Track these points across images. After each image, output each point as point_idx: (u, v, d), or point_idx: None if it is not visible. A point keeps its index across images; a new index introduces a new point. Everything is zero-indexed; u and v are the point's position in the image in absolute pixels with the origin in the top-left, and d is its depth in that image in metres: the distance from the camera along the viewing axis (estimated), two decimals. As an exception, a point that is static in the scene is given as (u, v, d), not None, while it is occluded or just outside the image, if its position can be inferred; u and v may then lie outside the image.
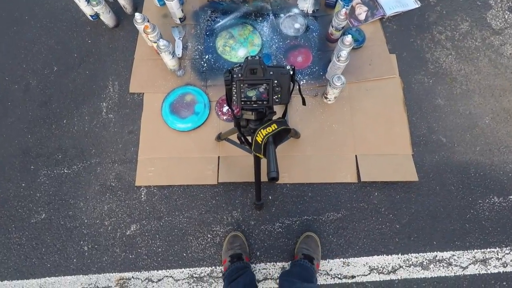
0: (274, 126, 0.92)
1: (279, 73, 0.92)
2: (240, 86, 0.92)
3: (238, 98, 0.94)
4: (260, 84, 0.92)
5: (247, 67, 0.89)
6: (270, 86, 0.92)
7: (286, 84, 0.93)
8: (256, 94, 0.93)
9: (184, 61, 1.57)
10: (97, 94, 1.55)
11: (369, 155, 1.43)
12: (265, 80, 0.91)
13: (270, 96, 0.94)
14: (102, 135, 1.49)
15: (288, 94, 0.95)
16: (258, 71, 0.90)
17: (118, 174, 1.43)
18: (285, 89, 0.94)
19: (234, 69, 0.92)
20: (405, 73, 1.57)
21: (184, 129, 1.45)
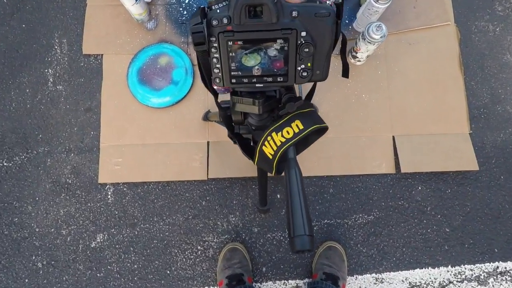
0: (299, 125, 0.54)
1: (310, 14, 0.48)
2: (227, 46, 0.50)
3: (225, 70, 0.52)
4: (270, 40, 0.50)
5: (242, 1, 0.46)
6: (292, 44, 0.49)
7: (326, 39, 0.50)
8: (262, 63, 0.51)
9: (155, 7, 1.13)
10: (39, 56, 1.14)
11: (412, 136, 1.05)
12: (282, 31, 0.48)
13: (292, 66, 0.51)
14: (50, 114, 1.11)
15: (327, 59, 0.53)
16: (266, 10, 0.46)
17: (74, 167, 1.08)
18: (323, 48, 0.51)
19: (212, 6, 0.49)
20: (463, 19, 1.13)
21: (159, 104, 1.06)
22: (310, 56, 0.50)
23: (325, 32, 0.49)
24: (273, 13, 0.47)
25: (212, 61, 0.52)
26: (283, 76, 0.53)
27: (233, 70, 0.52)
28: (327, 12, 0.48)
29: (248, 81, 0.53)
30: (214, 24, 0.48)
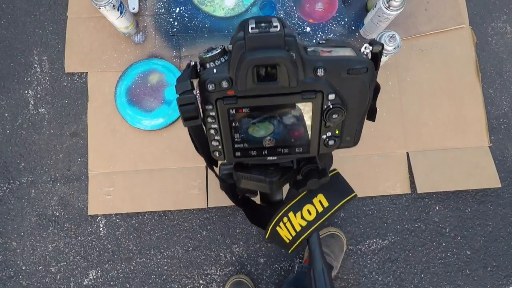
0: (322, 202, 0.44)
1: (341, 70, 0.37)
2: (229, 116, 0.39)
3: (226, 143, 0.42)
4: (287, 107, 0.39)
5: (248, 61, 0.35)
6: (316, 110, 0.39)
7: (361, 100, 0.40)
8: (275, 132, 0.41)
9: (143, 18, 1.03)
10: (17, 76, 1.04)
11: (427, 152, 0.97)
12: (303, 94, 0.37)
13: (315, 134, 0.41)
14: (33, 140, 1.01)
15: (361, 122, 0.43)
16: (281, 71, 0.35)
17: (62, 198, 0.99)
18: (356, 111, 0.40)
19: (205, 64, 0.38)
20: (478, 20, 1.04)
21: (152, 127, 0.97)
22: (340, 120, 0.39)
23: (360, 92, 0.39)
24: (291, 76, 0.35)
25: (209, 132, 0.41)
26: (303, 146, 0.42)
27: (237, 143, 0.41)
28: (364, 68, 0.37)
29: (257, 153, 0.42)
30: (210, 89, 0.37)
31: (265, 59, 0.35)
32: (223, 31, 1.00)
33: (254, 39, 0.35)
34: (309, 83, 0.37)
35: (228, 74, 0.37)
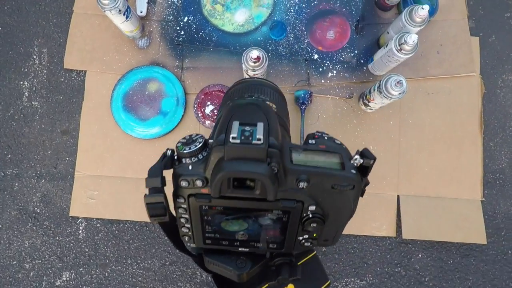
0: None
1: (325, 185, 0.36)
2: (201, 211, 0.38)
3: (197, 233, 0.40)
4: (263, 211, 0.37)
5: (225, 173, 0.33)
6: (294, 217, 0.37)
7: (343, 213, 0.39)
8: (250, 229, 0.39)
9: (149, 22, 1.00)
10: (15, 66, 1.01)
11: (419, 198, 0.96)
12: (282, 202, 0.36)
13: (291, 236, 0.39)
14: (23, 132, 0.99)
15: (341, 229, 0.41)
16: (260, 184, 0.34)
17: (45, 195, 0.97)
18: (337, 221, 0.39)
19: (181, 158, 0.36)
20: (490, 70, 1.02)
21: (145, 136, 0.95)
22: (318, 229, 0.38)
23: (344, 206, 0.37)
24: (270, 191, 0.33)
25: (180, 220, 0.39)
26: (277, 243, 0.40)
27: (208, 232, 0.39)
28: (350, 185, 0.35)
29: (229, 244, 0.40)
30: (183, 186, 0.35)
31: (243, 173, 0.33)
32: (229, 46, 0.98)
33: (234, 150, 0.33)
34: (289, 192, 0.35)
35: (204, 174, 0.35)
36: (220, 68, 0.97)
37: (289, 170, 0.34)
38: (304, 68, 0.98)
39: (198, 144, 0.36)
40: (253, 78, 0.53)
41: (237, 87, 0.52)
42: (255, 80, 0.53)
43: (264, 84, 0.53)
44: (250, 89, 0.49)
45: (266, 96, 0.48)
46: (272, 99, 0.49)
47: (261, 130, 0.33)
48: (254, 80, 0.53)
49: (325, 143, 0.38)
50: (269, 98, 0.48)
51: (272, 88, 0.53)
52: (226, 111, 0.42)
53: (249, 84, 0.52)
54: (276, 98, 0.50)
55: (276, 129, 0.37)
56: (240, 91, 0.50)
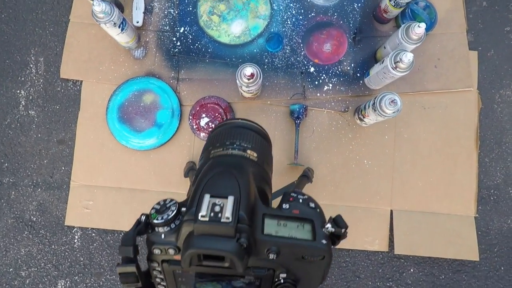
0: None
1: (295, 255, 0.36)
2: (174, 275, 0.38)
3: None
4: (235, 276, 0.38)
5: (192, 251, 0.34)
6: (265, 283, 0.38)
7: (314, 280, 0.39)
8: None
9: (145, 32, 1.00)
10: (12, 74, 1.02)
11: (412, 213, 0.96)
12: (254, 270, 0.37)
13: None
14: (19, 141, 1.00)
15: None
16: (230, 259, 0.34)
17: (41, 204, 0.98)
18: (309, 285, 0.39)
19: (154, 226, 0.36)
20: (487, 84, 1.01)
21: (140, 147, 0.96)
22: None
23: (314, 274, 0.37)
24: (238, 265, 0.34)
25: (155, 279, 0.39)
26: None
27: None
28: (320, 256, 0.36)
29: None
30: (156, 253, 0.36)
31: (211, 250, 0.33)
32: (225, 58, 0.98)
33: (203, 227, 0.34)
34: (261, 261, 0.36)
35: (176, 243, 0.36)
36: (215, 79, 0.97)
37: (259, 242, 0.35)
38: (300, 81, 0.97)
39: (171, 213, 0.36)
40: (238, 120, 0.54)
41: (220, 130, 0.52)
42: (239, 123, 0.53)
43: (248, 127, 0.53)
44: (232, 135, 0.49)
45: (248, 143, 0.48)
46: (255, 145, 0.49)
47: (230, 207, 0.34)
48: (238, 123, 0.54)
49: (299, 207, 0.38)
50: (251, 145, 0.48)
51: (256, 131, 0.52)
52: (203, 171, 0.43)
53: (232, 128, 0.52)
54: (259, 144, 0.50)
55: (249, 198, 0.38)
56: (222, 137, 0.50)
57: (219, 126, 0.55)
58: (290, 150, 0.96)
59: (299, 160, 0.95)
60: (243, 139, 0.48)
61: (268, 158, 0.51)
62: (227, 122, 0.54)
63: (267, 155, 0.51)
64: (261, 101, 0.97)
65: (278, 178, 0.96)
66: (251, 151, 0.47)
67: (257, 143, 0.50)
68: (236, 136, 0.49)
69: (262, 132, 0.54)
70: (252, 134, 0.51)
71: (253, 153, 0.47)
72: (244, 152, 0.47)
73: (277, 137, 0.97)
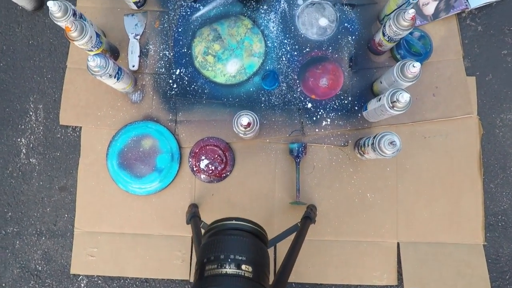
0: None
1: None
2: None
3: None
4: None
5: None
6: None
7: None
8: None
9: (142, 76, 1.00)
10: (12, 123, 1.02)
11: (419, 244, 0.95)
12: None
13: None
14: (22, 190, 1.00)
15: None
16: None
17: (46, 252, 0.98)
18: None
19: None
20: (487, 110, 1.01)
21: (141, 192, 0.96)
22: None
23: None
24: None
25: None
26: None
27: None
28: None
29: None
30: None
31: None
32: (222, 98, 0.98)
33: None
34: None
35: None
36: (213, 120, 0.97)
37: None
38: (297, 117, 0.97)
39: None
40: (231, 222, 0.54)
41: (215, 239, 0.52)
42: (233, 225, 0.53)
43: (242, 228, 0.53)
44: (227, 247, 0.49)
45: (243, 255, 0.48)
46: (250, 256, 0.49)
47: None
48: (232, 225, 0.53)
49: None
50: (246, 257, 0.47)
51: (251, 232, 0.52)
52: None
53: (226, 236, 0.52)
54: (255, 252, 0.50)
55: None
56: (217, 248, 0.49)
57: (213, 230, 0.54)
58: (291, 187, 0.96)
59: (301, 198, 0.94)
60: (237, 251, 0.48)
61: (264, 267, 0.51)
62: (221, 225, 0.54)
63: (263, 264, 0.51)
64: (260, 140, 0.97)
65: (280, 217, 0.95)
66: (246, 266, 0.47)
67: (252, 251, 0.50)
68: (230, 248, 0.49)
69: (257, 232, 0.54)
70: (246, 241, 0.51)
71: (248, 267, 0.47)
72: (239, 269, 0.47)
73: (277, 175, 0.96)
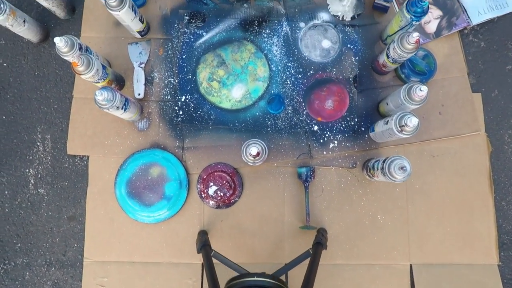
0: None
1: None
2: None
3: None
4: None
5: None
6: None
7: None
8: None
9: (148, 104, 1.01)
10: (20, 154, 1.03)
11: (432, 266, 0.93)
12: None
13: None
14: (31, 221, 1.00)
15: None
16: None
17: (55, 283, 0.98)
18: None
19: None
20: (495, 126, 1.00)
21: (150, 221, 0.96)
22: None
23: None
24: None
25: None
26: None
27: None
28: None
29: None
30: None
31: None
32: (228, 124, 0.98)
33: None
34: None
35: None
36: (220, 146, 0.97)
37: None
38: (304, 140, 0.97)
39: None
40: (253, 278, 0.53)
41: None
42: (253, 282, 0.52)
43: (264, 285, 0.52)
44: None
45: None
46: None
47: None
48: (253, 281, 0.52)
49: None
50: None
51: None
52: None
53: None
54: None
55: None
56: None
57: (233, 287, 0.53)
58: (301, 211, 0.95)
59: (311, 222, 0.93)
60: None
61: None
62: (242, 282, 0.53)
63: None
64: (267, 164, 0.97)
65: (291, 242, 0.94)
66: None
67: None
68: None
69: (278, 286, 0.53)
70: None
71: None
72: None
73: (286, 199, 0.96)
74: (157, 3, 1.05)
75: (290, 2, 1.03)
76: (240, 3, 1.04)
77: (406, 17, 0.83)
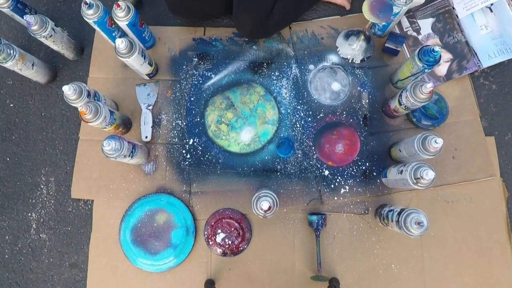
0: None
1: None
2: None
3: None
4: None
5: None
6: None
7: None
8: None
9: (155, 146, 0.99)
10: (23, 197, 1.00)
11: (450, 320, 0.89)
12: None
13: None
14: (31, 268, 0.97)
15: None
16: None
17: (55, 336, 0.93)
18: None
19: None
20: (510, 170, 0.97)
21: (155, 270, 0.92)
22: None
23: None
24: None
25: None
26: None
27: None
28: None
29: None
30: None
31: None
32: (237, 168, 0.96)
33: None
34: None
35: None
36: (228, 191, 0.95)
37: None
38: (315, 185, 0.94)
39: None
40: None
41: None
42: None
43: None
44: None
45: None
46: None
47: None
48: None
49: None
50: None
51: None
52: None
53: None
54: None
55: None
56: None
57: None
58: (312, 259, 0.92)
59: (322, 271, 0.89)
60: None
61: None
62: None
63: None
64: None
65: (302, 293, 0.90)
66: None
67: None
68: None
69: None
70: None
71: None
72: None
73: (297, 246, 0.93)
74: (166, 45, 1.05)
75: (299, 44, 1.03)
76: (249, 45, 1.04)
77: (418, 65, 0.83)
